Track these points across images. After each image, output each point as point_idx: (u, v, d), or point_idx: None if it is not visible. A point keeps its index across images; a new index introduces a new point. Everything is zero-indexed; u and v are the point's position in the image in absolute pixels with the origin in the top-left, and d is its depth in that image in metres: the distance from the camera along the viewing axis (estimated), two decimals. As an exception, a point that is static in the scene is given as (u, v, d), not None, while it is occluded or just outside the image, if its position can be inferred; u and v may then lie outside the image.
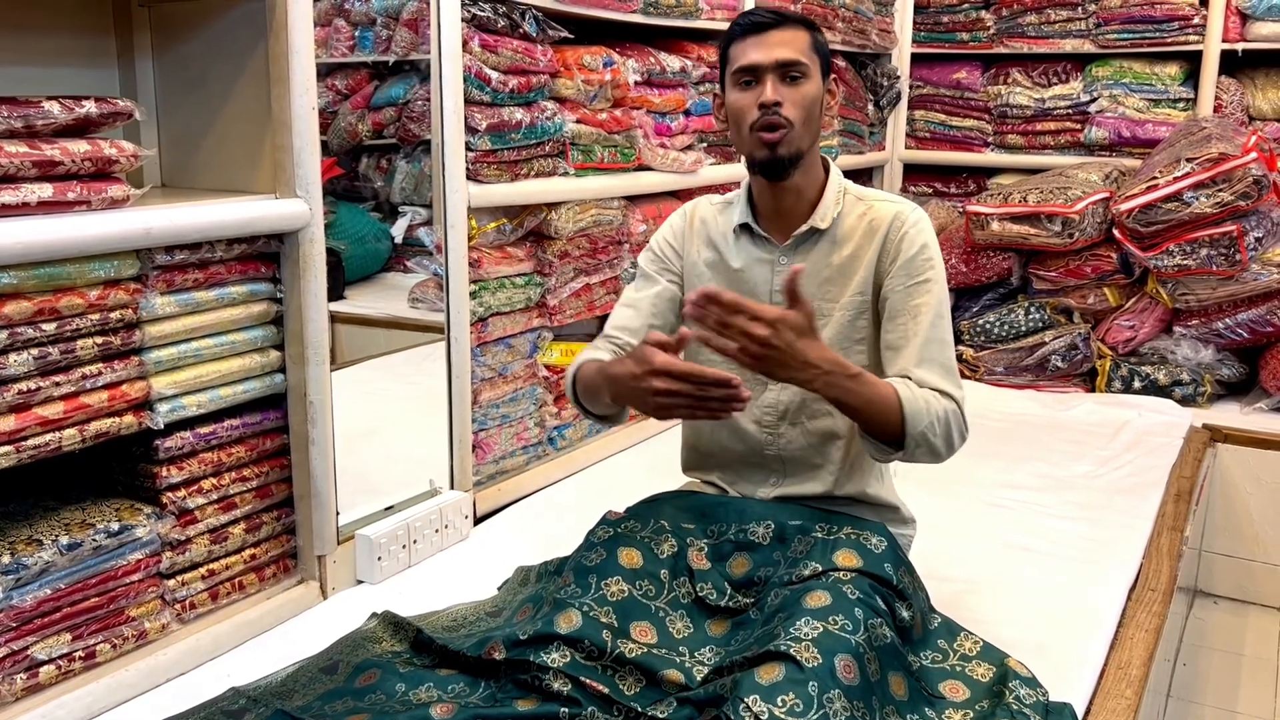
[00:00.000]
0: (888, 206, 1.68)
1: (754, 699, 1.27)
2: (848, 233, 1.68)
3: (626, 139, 2.59)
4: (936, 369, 1.58)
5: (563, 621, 1.48)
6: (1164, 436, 2.87)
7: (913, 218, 1.66)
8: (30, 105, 1.40)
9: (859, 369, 1.51)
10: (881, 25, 3.95)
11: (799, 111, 1.60)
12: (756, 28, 1.62)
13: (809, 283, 1.66)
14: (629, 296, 1.81)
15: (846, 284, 1.67)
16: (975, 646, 1.59)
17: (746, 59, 1.61)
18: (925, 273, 1.63)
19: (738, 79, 1.63)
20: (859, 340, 1.67)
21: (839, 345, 1.66)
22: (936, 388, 1.56)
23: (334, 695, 1.49)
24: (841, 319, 1.67)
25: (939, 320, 1.62)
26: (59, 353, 1.46)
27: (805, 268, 1.62)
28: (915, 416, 1.51)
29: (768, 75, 1.59)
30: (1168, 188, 3.09)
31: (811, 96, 1.61)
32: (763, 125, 1.59)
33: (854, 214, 1.69)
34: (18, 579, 1.45)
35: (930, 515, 1.83)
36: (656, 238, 1.82)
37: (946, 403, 1.55)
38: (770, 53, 1.59)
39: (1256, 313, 3.15)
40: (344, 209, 2.96)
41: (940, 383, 1.57)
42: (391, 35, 2.82)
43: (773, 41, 1.60)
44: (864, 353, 1.67)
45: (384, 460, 2.27)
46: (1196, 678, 2.76)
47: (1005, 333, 3.40)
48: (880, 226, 1.66)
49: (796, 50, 1.60)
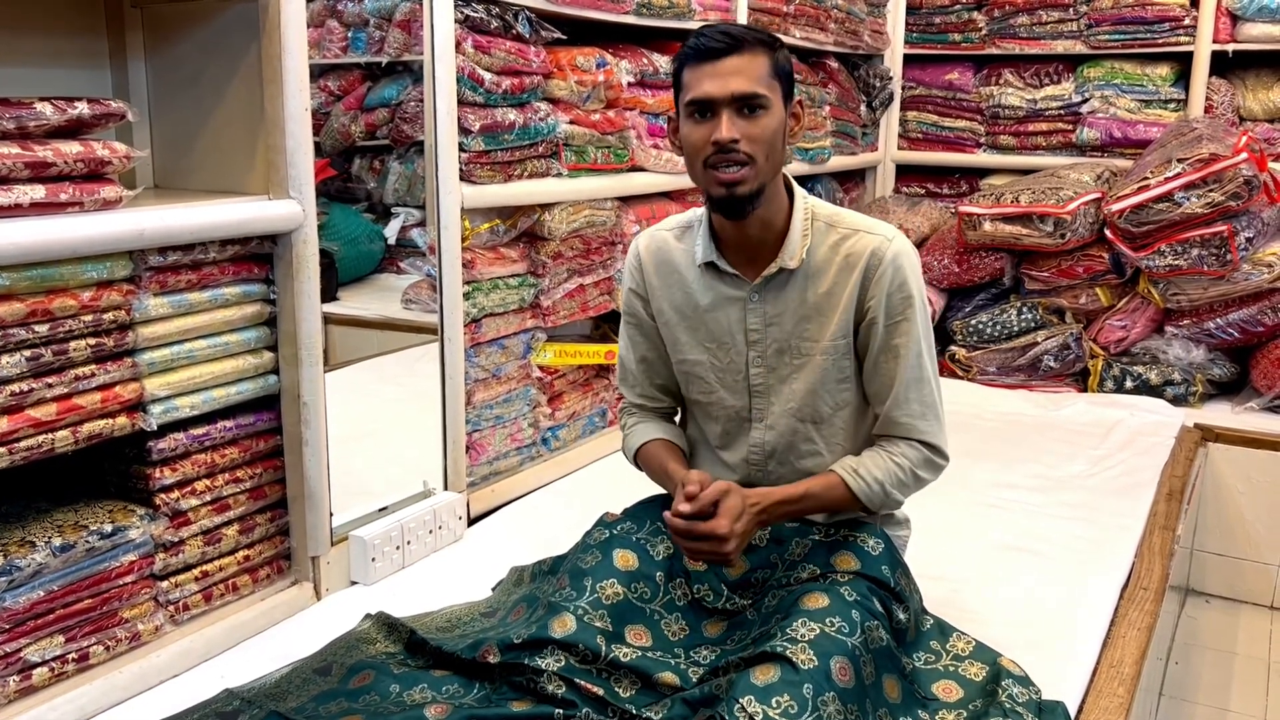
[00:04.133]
0: (865, 239, 1.58)
1: (749, 699, 1.27)
2: (821, 265, 1.59)
3: (620, 140, 2.59)
4: (914, 409, 1.60)
5: (557, 626, 1.48)
6: (1156, 436, 2.88)
7: (890, 252, 1.56)
8: (22, 106, 1.39)
9: (803, 489, 1.57)
10: (874, 26, 3.96)
11: (759, 147, 1.48)
12: (710, 54, 1.47)
13: (785, 320, 1.62)
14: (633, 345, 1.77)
15: (825, 323, 1.60)
16: (968, 646, 1.59)
17: (700, 90, 1.47)
18: (904, 311, 1.57)
19: (690, 111, 1.50)
20: (843, 380, 1.64)
21: (822, 387, 1.63)
22: (908, 435, 1.60)
23: (328, 696, 1.49)
24: (824, 363, 1.62)
25: (918, 359, 1.59)
26: (51, 354, 1.46)
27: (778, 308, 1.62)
28: (870, 500, 1.59)
29: (723, 109, 1.46)
30: (1159, 188, 3.10)
31: (772, 129, 1.49)
32: (718, 163, 1.48)
33: (826, 244, 1.59)
34: (10, 581, 1.44)
35: (923, 515, 1.83)
36: (623, 290, 1.78)
37: (913, 454, 1.60)
38: (725, 84, 1.46)
39: (1248, 312, 3.16)
40: (337, 210, 2.96)
41: (914, 424, 1.60)
42: (384, 36, 2.82)
43: (727, 70, 1.46)
44: (849, 390, 1.64)
45: (378, 461, 2.27)
46: (1188, 676, 2.77)
47: (997, 333, 3.41)
48: (857, 262, 1.57)
49: (753, 80, 1.47)
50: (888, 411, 1.60)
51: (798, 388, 1.64)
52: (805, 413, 1.65)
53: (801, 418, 1.65)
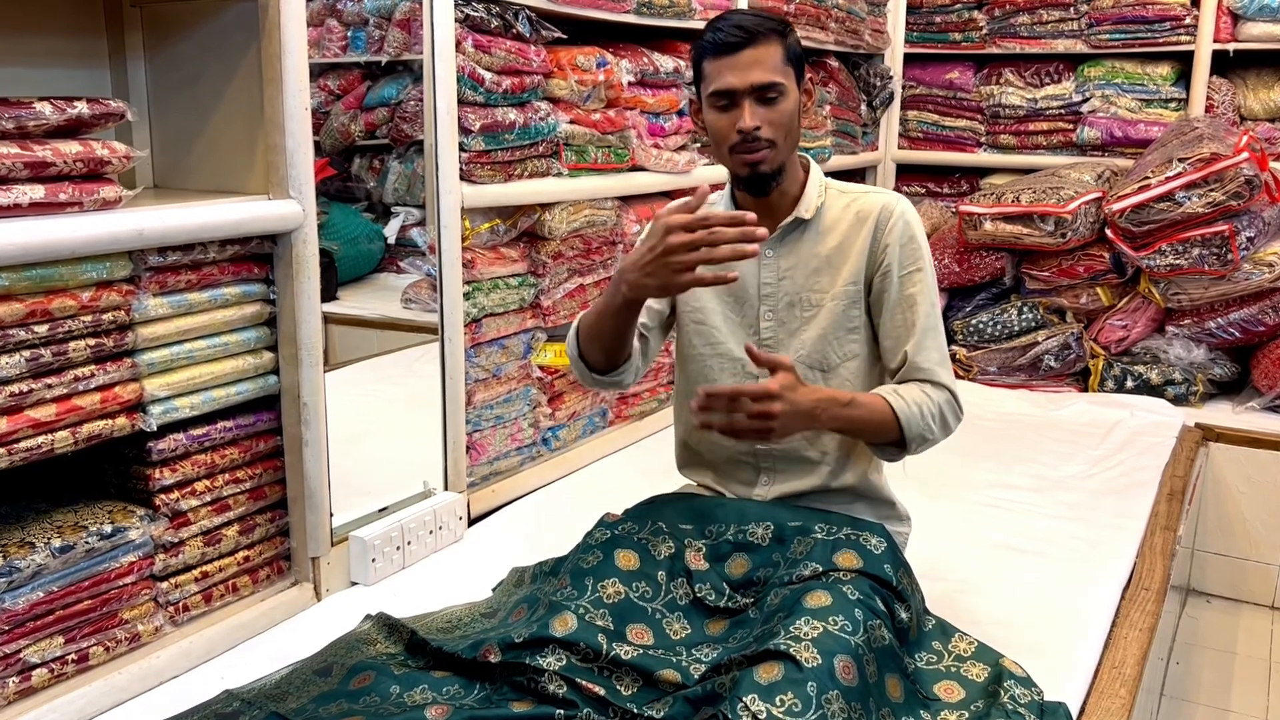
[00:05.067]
0: (874, 197, 1.70)
1: (752, 698, 1.27)
2: (833, 222, 1.69)
3: (620, 139, 2.58)
4: (934, 356, 1.65)
5: (558, 624, 1.48)
6: (1156, 436, 2.88)
7: (899, 207, 1.68)
8: (22, 106, 1.39)
9: (850, 395, 1.59)
10: (874, 25, 3.96)
11: (778, 130, 1.60)
12: (728, 48, 1.59)
13: (797, 274, 1.69)
14: None
15: (836, 274, 1.68)
16: (970, 647, 1.59)
17: (721, 82, 1.59)
18: (916, 261, 1.67)
19: (713, 102, 1.62)
20: (852, 330, 1.69)
21: (832, 335, 1.68)
22: (931, 378, 1.63)
23: (328, 697, 1.48)
24: (834, 309, 1.68)
25: (931, 309, 1.67)
26: (51, 355, 1.45)
27: (790, 261, 1.69)
28: (910, 423, 1.58)
29: (744, 99, 1.58)
30: (1160, 188, 3.10)
31: (789, 113, 1.61)
32: (744, 149, 1.60)
33: (838, 205, 1.71)
34: (10, 582, 1.44)
35: (924, 515, 1.83)
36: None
37: (939, 394, 1.62)
38: (745, 76, 1.57)
39: (1248, 312, 3.16)
40: (337, 209, 2.95)
41: (936, 370, 1.64)
42: (384, 35, 2.82)
43: (745, 63, 1.58)
44: (858, 340, 1.69)
45: (378, 462, 2.27)
46: (1190, 676, 2.77)
47: (998, 333, 3.41)
48: (868, 216, 1.68)
49: (770, 70, 1.58)
50: (911, 358, 1.64)
51: (807, 337, 1.69)
52: (814, 359, 1.69)
53: (811, 364, 1.69)
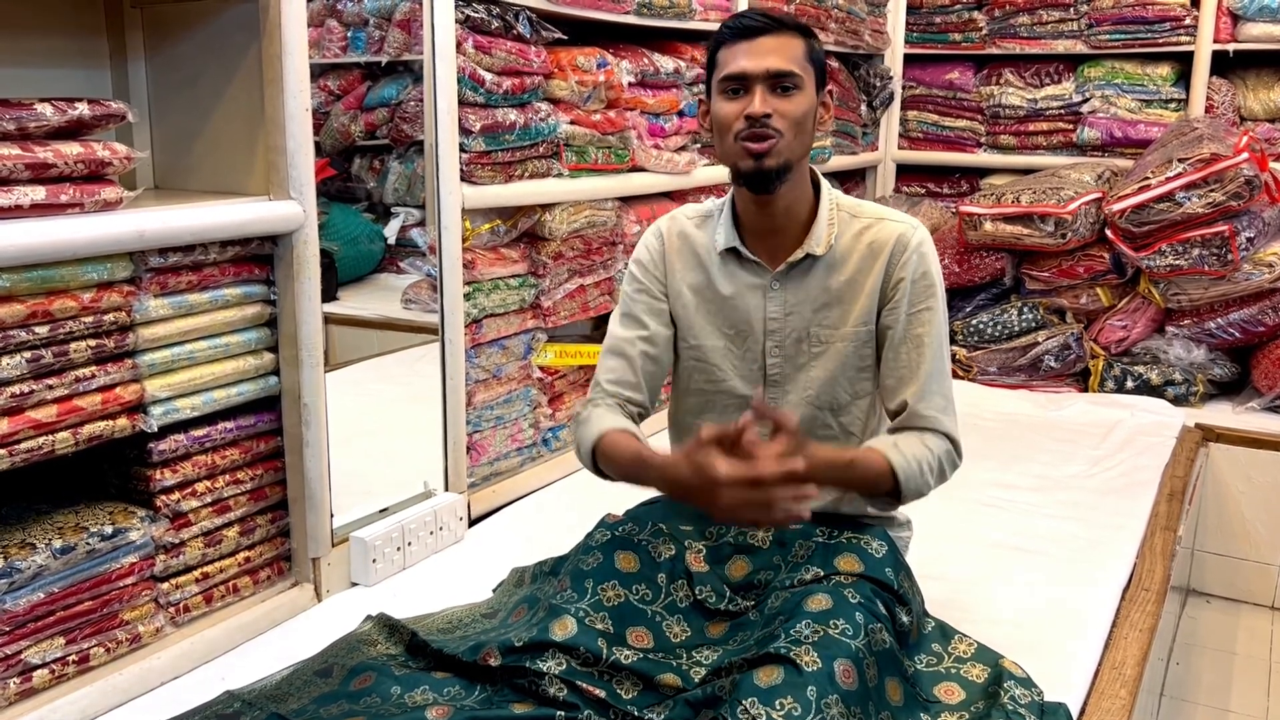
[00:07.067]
0: (890, 226, 1.61)
1: (752, 701, 1.27)
2: (844, 254, 1.61)
3: (620, 140, 2.58)
4: (937, 402, 1.59)
5: (558, 628, 1.47)
6: (1156, 436, 2.88)
7: (915, 239, 1.60)
8: (22, 107, 1.39)
9: (851, 455, 1.53)
10: (874, 26, 3.96)
11: (789, 124, 1.51)
12: (747, 32, 1.52)
13: (804, 308, 1.62)
14: (618, 337, 1.69)
15: (847, 312, 1.61)
16: (970, 648, 1.59)
17: (735, 66, 1.51)
18: (928, 300, 1.60)
19: (725, 87, 1.53)
20: (863, 369, 1.64)
21: (842, 375, 1.63)
22: (933, 427, 1.57)
23: (329, 698, 1.48)
24: (844, 350, 1.62)
25: (940, 350, 1.60)
26: (52, 356, 1.45)
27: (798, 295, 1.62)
28: (909, 481, 1.52)
29: (757, 85, 1.50)
30: (1160, 188, 3.10)
31: (803, 109, 1.52)
32: (749, 135, 1.51)
33: (850, 233, 1.62)
34: (11, 583, 1.44)
35: (923, 516, 1.83)
36: (634, 264, 1.71)
37: (940, 446, 1.57)
38: (761, 61, 1.50)
39: (1248, 312, 3.16)
40: (337, 210, 2.96)
41: (939, 418, 1.58)
42: (384, 36, 2.82)
43: (764, 49, 1.51)
44: (868, 379, 1.65)
45: (378, 462, 2.27)
46: (1190, 677, 2.77)
47: (998, 333, 3.41)
48: (882, 249, 1.60)
49: (789, 59, 1.51)
50: (912, 405, 1.58)
51: (815, 375, 1.64)
52: (823, 400, 1.64)
53: (819, 405, 1.64)
